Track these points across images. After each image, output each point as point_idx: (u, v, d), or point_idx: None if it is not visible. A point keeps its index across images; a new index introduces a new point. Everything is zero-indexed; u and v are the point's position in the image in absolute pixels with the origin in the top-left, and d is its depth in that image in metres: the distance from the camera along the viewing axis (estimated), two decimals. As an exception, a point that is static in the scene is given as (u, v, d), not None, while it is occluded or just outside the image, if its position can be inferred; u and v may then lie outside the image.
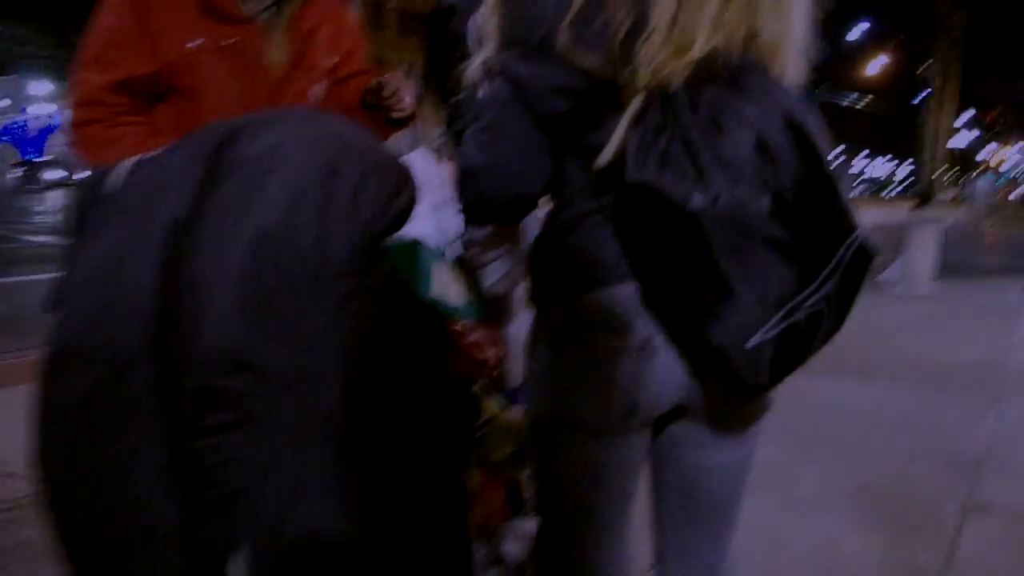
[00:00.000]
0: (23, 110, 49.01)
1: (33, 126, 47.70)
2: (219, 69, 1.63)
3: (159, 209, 1.15)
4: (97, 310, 1.16)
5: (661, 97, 1.00)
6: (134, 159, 1.31)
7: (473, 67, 1.15)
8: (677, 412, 1.18)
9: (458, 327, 1.45)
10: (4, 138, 46.95)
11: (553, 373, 1.16)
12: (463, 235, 1.45)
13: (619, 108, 1.04)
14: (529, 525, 1.66)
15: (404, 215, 1.20)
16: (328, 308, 1.09)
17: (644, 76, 1.02)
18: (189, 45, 1.61)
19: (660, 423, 1.20)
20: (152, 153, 1.29)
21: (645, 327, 1.09)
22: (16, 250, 12.46)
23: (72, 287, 1.21)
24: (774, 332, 1.02)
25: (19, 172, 36.50)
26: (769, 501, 2.94)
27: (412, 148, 1.67)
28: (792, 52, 1.10)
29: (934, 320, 7.26)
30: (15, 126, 47.39)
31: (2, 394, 4.03)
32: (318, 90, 1.75)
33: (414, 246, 1.42)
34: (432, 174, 1.60)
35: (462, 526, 1.32)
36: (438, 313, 1.36)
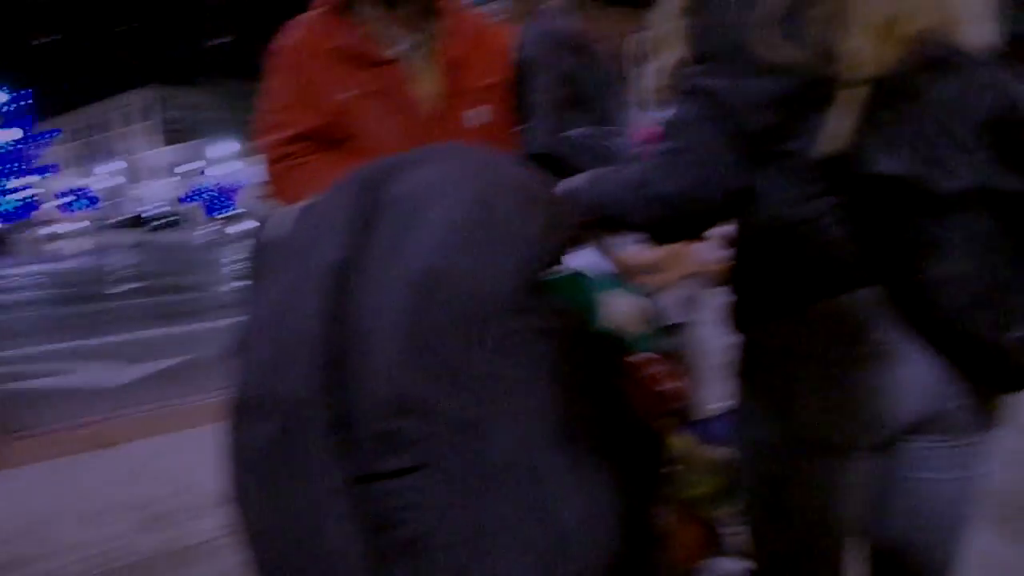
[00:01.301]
0: (205, 171, 53.33)
1: (217, 186, 51.82)
2: (373, 114, 1.69)
3: (319, 254, 1.14)
4: (269, 358, 1.16)
5: (878, 86, 0.95)
6: (302, 204, 1.31)
7: (649, 75, 1.12)
8: (915, 427, 1.10)
9: (635, 360, 1.36)
10: (194, 199, 51.28)
11: (781, 394, 1.09)
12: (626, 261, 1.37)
13: (828, 104, 0.98)
14: (728, 565, 1.54)
15: (565, 246, 1.14)
16: (493, 348, 1.04)
17: (856, 66, 0.96)
18: (341, 96, 1.69)
19: (894, 440, 1.12)
20: (317, 198, 1.29)
21: (888, 332, 1.02)
22: (207, 299, 13.49)
23: (248, 334, 1.22)
24: None
25: (208, 229, 39.58)
26: (997, 534, 2.64)
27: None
28: (989, 32, 1.04)
29: None
30: (202, 188, 51.65)
31: (214, 429, 4.36)
32: (474, 114, 1.76)
33: (579, 277, 1.34)
34: None
35: (652, 569, 1.22)
36: (612, 346, 1.27)
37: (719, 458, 1.33)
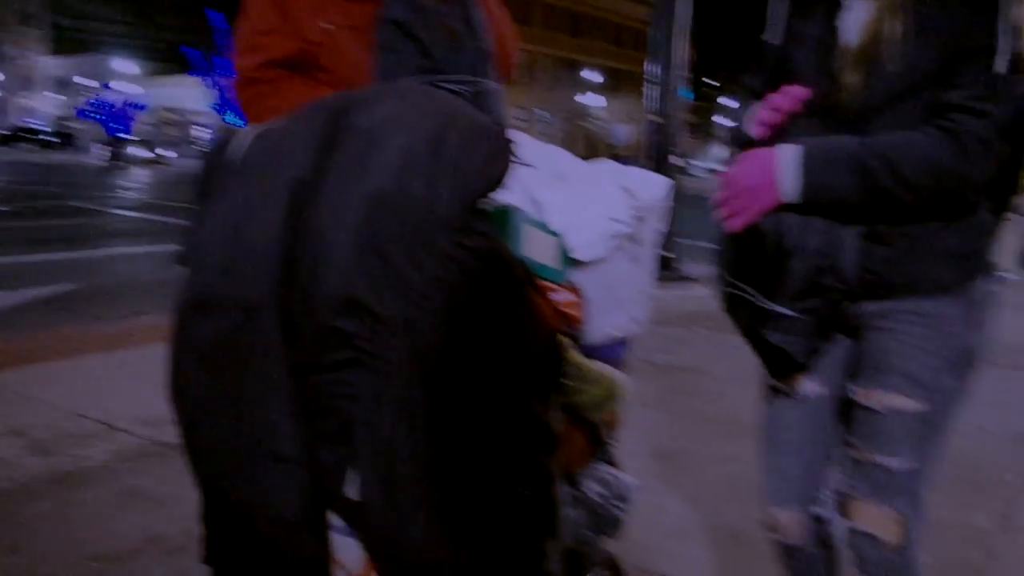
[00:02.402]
0: (106, 87, 50.71)
1: (118, 104, 49.35)
2: (352, 47, 1.77)
3: (283, 170, 1.29)
4: (228, 261, 1.30)
5: None
6: (257, 129, 1.45)
7: (1001, 60, 1.33)
8: None
9: (546, 285, 1.57)
10: (91, 115, 48.72)
11: None
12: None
13: None
14: (608, 472, 1.78)
15: (500, 180, 1.32)
16: (434, 260, 1.22)
17: None
18: (324, 26, 1.76)
19: None
20: (274, 123, 1.43)
21: None
22: (106, 224, 13.02)
23: (203, 242, 1.37)
24: None
25: (107, 150, 37.62)
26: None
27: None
28: None
29: (1013, 303, 7.13)
30: (101, 104, 49.09)
31: (103, 358, 4.35)
32: None
33: (507, 210, 1.53)
34: (535, 150, 1.73)
35: (547, 462, 1.44)
36: (529, 271, 1.48)
37: (605, 372, 1.56)
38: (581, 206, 1.61)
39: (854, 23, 1.44)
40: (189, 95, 48.68)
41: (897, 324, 1.47)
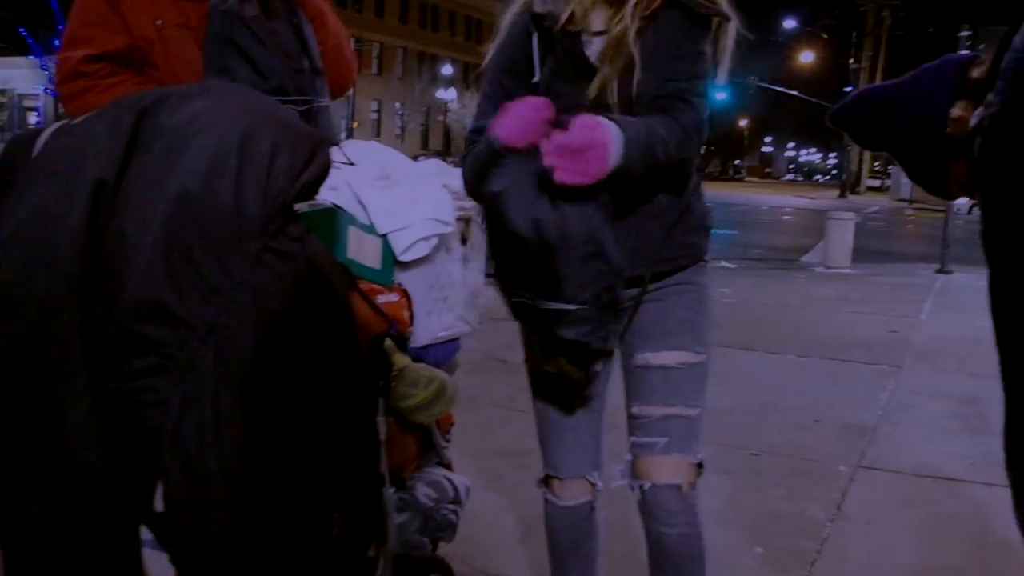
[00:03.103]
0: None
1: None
2: (184, 44, 1.75)
3: (85, 170, 1.23)
4: (25, 262, 1.23)
5: None
6: (57, 124, 1.38)
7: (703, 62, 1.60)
8: None
9: (371, 287, 1.56)
10: None
11: None
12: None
13: None
14: (441, 474, 1.78)
15: (316, 183, 1.29)
16: (242, 264, 1.18)
17: None
18: (157, 22, 1.74)
19: None
20: (76, 120, 1.36)
21: None
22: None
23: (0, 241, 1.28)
24: None
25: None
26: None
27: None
28: None
29: (847, 299, 7.61)
30: None
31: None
32: None
33: (332, 212, 1.51)
34: (360, 150, 1.72)
35: (372, 468, 1.43)
36: (350, 273, 1.46)
37: (432, 374, 1.56)
38: (406, 207, 1.60)
39: (595, 55, 1.60)
40: (22, 76, 45.63)
41: (674, 295, 1.67)
